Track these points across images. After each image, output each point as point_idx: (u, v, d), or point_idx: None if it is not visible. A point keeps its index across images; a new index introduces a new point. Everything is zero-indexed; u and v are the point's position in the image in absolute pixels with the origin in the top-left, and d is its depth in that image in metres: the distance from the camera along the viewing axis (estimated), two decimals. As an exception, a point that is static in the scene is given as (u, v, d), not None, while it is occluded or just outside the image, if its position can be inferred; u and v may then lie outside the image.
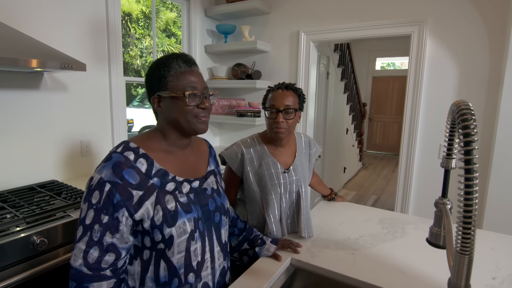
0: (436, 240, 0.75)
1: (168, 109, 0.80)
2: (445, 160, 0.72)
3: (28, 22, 1.68)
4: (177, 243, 0.78)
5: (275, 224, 1.22)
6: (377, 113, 7.59)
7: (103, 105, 2.11)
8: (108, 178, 0.72)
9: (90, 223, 0.71)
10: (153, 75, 0.81)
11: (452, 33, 2.07)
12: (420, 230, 1.36)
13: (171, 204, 0.78)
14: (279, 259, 1.09)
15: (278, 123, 1.16)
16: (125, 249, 0.75)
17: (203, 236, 0.85)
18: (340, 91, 4.44)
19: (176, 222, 0.77)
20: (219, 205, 0.92)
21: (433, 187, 2.26)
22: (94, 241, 0.70)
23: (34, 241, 1.26)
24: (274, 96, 1.18)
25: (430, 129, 2.21)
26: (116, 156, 0.75)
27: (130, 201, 0.72)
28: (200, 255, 0.83)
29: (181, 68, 0.80)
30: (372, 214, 1.53)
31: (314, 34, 2.56)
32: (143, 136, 0.84)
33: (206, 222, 0.86)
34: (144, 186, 0.75)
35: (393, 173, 5.90)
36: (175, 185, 0.81)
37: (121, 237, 0.73)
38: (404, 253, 1.17)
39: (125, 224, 0.73)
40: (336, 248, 1.19)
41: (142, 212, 0.74)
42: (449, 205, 0.74)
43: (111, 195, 0.71)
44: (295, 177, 1.26)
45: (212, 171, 0.97)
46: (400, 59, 7.33)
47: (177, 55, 0.83)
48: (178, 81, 0.79)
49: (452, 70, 2.10)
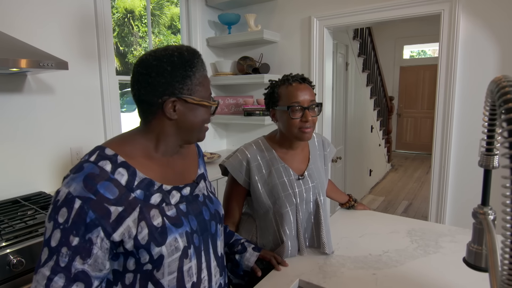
0: (475, 261, 0.64)
1: (186, 115, 0.77)
2: (484, 158, 0.61)
3: (2, 16, 1.67)
4: (168, 263, 0.73)
5: (291, 240, 1.16)
6: (406, 107, 7.38)
7: (94, 108, 2.09)
8: (78, 193, 0.66)
9: (57, 245, 0.65)
10: (174, 73, 0.74)
11: (491, 7, 1.92)
12: (458, 243, 1.27)
13: (157, 219, 0.73)
14: (258, 274, 1.04)
15: (307, 121, 1.11)
16: (98, 278, 0.69)
17: (199, 251, 0.80)
18: (362, 84, 4.31)
19: (167, 239, 0.72)
20: (213, 212, 0.87)
21: (474, 190, 2.11)
22: (61, 267, 0.65)
23: (11, 261, 1.23)
24: (293, 91, 1.12)
25: (467, 123, 2.08)
26: (89, 167, 0.69)
27: (106, 219, 0.67)
28: (196, 274, 0.78)
29: (204, 71, 0.79)
30: (399, 225, 1.43)
31: (328, 19, 2.46)
32: (121, 139, 0.77)
33: (203, 234, 0.82)
34: (124, 200, 0.69)
35: (427, 175, 5.73)
36: (161, 196, 0.76)
37: (95, 263, 0.67)
38: (438, 272, 1.07)
39: (99, 247, 0.67)
40: (355, 267, 1.11)
41: (122, 231, 0.68)
42: (491, 216, 0.63)
43: (83, 213, 0.65)
44: (311, 184, 1.20)
45: (202, 174, 0.92)
46: (431, 46, 7.08)
47: (199, 53, 0.80)
48: (202, 86, 0.78)
49: (493, 52, 1.95)
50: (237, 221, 1.27)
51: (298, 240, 1.18)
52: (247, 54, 2.90)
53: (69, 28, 1.93)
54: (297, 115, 1.11)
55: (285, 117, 1.13)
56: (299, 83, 1.13)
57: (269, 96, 1.19)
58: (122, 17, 7.96)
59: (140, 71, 0.75)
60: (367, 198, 4.58)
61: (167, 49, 0.76)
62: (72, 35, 1.95)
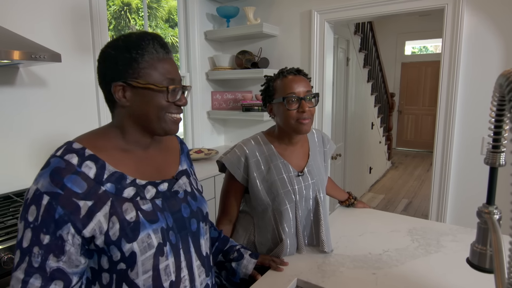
0: (480, 261, 0.63)
1: (137, 101, 0.73)
2: (490, 155, 0.60)
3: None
4: (142, 261, 0.71)
5: (290, 238, 1.15)
6: (407, 104, 7.37)
7: (88, 102, 2.06)
8: (45, 189, 0.64)
9: (28, 245, 0.64)
10: (118, 57, 0.72)
11: (495, 1, 1.90)
12: (460, 242, 1.25)
13: (131, 213, 0.71)
14: (257, 278, 1.03)
15: (304, 112, 1.09)
16: (76, 274, 0.67)
17: (177, 249, 0.77)
18: (363, 80, 4.29)
19: (138, 236, 0.70)
20: (195, 210, 0.85)
21: (476, 189, 2.10)
22: (35, 268, 0.63)
23: (1, 258, 1.21)
24: (288, 83, 1.11)
25: (470, 121, 2.06)
26: (55, 161, 0.67)
27: (76, 215, 0.65)
28: (174, 273, 0.76)
29: (158, 54, 0.74)
30: (399, 223, 1.41)
31: (329, 13, 2.44)
32: (92, 134, 0.76)
33: (181, 232, 0.79)
34: (93, 194, 0.67)
35: (427, 173, 5.73)
36: (135, 190, 0.74)
37: (69, 259, 0.65)
38: (439, 272, 1.06)
39: (72, 244, 0.65)
40: (354, 266, 1.10)
41: (93, 227, 0.66)
42: (497, 215, 0.62)
43: (51, 209, 0.64)
44: (311, 181, 1.19)
45: (185, 171, 0.89)
46: (433, 42, 7.05)
47: (153, 36, 0.75)
48: (153, 69, 0.73)
49: (497, 48, 1.93)
50: (235, 219, 1.26)
51: (297, 238, 1.17)
52: (246, 48, 2.87)
53: (63, 20, 1.90)
54: (293, 106, 1.10)
55: (281, 110, 1.12)
56: (294, 75, 1.13)
57: (265, 92, 1.18)
58: (119, 10, 7.89)
59: (98, 61, 0.75)
60: (366, 196, 4.58)
61: (119, 35, 0.75)
62: (66, 27, 1.92)
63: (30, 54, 1.38)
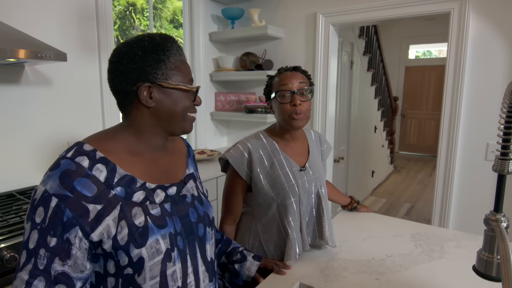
0: (486, 269, 0.62)
1: (164, 102, 0.74)
2: (499, 162, 0.59)
3: (0, 6, 1.64)
4: (149, 267, 0.70)
5: (296, 232, 1.14)
6: (410, 108, 7.35)
7: (93, 101, 2.07)
8: (54, 191, 0.64)
9: (34, 247, 0.63)
10: (145, 57, 0.71)
11: (502, 6, 1.89)
12: (464, 249, 1.24)
13: (140, 218, 0.70)
14: (259, 281, 1.03)
15: (296, 106, 1.10)
16: (81, 279, 0.67)
17: (184, 255, 0.77)
18: (367, 83, 4.28)
19: (147, 241, 0.69)
20: (202, 214, 0.84)
21: (479, 194, 2.08)
22: (40, 270, 0.62)
23: (4, 256, 1.21)
24: (283, 78, 1.15)
25: (474, 125, 2.05)
26: (65, 163, 0.66)
27: (85, 218, 0.64)
28: (181, 279, 0.76)
29: (180, 56, 0.77)
30: (403, 228, 1.41)
31: (334, 16, 2.43)
32: (102, 135, 0.75)
33: (188, 237, 0.79)
34: (103, 198, 0.67)
35: (430, 178, 5.70)
36: (145, 194, 0.73)
37: (75, 264, 0.65)
38: (443, 279, 1.05)
39: (78, 247, 0.65)
40: (357, 271, 1.09)
41: (101, 231, 0.66)
42: (504, 223, 0.61)
43: (59, 212, 0.63)
44: (312, 176, 1.20)
45: (192, 174, 0.89)
46: (437, 46, 7.03)
47: (173, 39, 0.77)
48: (179, 71, 0.75)
49: (503, 53, 1.92)
50: (239, 218, 1.25)
51: (301, 234, 1.16)
52: (250, 50, 2.87)
53: (69, 19, 1.90)
54: (285, 99, 1.12)
55: (276, 105, 1.15)
56: (290, 72, 1.16)
57: (266, 89, 1.22)
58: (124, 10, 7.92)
59: (112, 60, 0.73)
60: (369, 200, 4.56)
61: (139, 36, 0.75)
62: (72, 27, 1.92)
63: (36, 53, 1.38)
